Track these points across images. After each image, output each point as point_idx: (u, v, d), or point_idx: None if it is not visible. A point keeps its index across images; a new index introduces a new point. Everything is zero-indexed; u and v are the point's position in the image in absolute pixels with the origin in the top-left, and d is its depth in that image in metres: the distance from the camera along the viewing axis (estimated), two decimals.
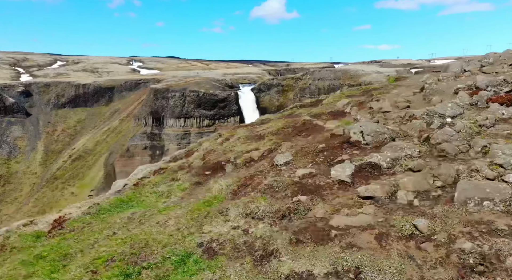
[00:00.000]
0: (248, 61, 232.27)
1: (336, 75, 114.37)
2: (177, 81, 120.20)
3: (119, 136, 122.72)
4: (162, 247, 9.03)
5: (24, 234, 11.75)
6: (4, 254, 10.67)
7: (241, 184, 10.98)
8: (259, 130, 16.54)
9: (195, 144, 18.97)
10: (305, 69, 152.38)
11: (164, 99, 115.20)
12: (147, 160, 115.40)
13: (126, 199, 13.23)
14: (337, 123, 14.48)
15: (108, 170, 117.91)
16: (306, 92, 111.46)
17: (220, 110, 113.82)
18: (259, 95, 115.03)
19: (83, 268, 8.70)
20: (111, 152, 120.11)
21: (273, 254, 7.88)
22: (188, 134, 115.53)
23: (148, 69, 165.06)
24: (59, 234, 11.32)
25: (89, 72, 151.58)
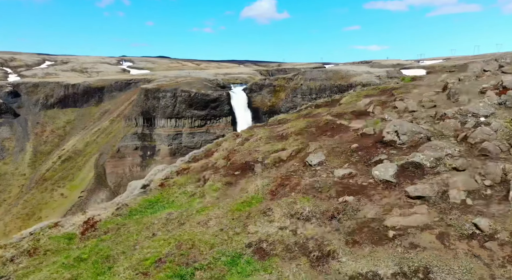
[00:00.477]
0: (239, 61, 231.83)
1: (327, 76, 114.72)
2: (168, 81, 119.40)
3: (110, 137, 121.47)
4: (210, 248, 8.92)
5: (54, 236, 11.51)
6: (38, 257, 10.42)
7: (278, 184, 10.89)
8: (280, 131, 16.44)
9: (212, 144, 18.78)
10: (296, 69, 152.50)
11: (155, 100, 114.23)
12: (138, 161, 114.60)
13: (154, 199, 13.05)
14: (363, 123, 14.44)
15: (99, 171, 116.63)
16: (298, 92, 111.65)
17: (212, 111, 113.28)
18: (251, 96, 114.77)
19: (131, 270, 8.53)
20: (101, 153, 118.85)
21: (330, 255, 7.82)
22: (180, 134, 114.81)
23: (138, 69, 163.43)
24: (94, 236, 11.10)
25: (78, 72, 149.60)
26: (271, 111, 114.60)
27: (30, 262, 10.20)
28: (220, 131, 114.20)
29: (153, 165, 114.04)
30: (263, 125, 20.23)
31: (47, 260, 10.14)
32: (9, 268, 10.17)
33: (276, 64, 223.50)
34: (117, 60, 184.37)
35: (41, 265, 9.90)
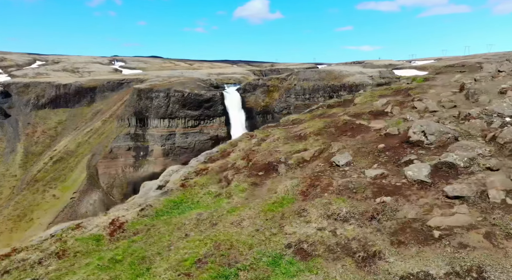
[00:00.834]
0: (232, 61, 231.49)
1: (320, 76, 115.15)
2: (161, 81, 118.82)
3: (102, 137, 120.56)
4: (249, 248, 8.91)
5: (81, 238, 11.37)
6: (68, 259, 10.29)
7: (309, 184, 10.89)
8: (298, 131, 16.44)
9: (226, 145, 18.70)
10: (289, 69, 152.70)
11: (148, 100, 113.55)
12: (131, 161, 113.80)
13: (178, 200, 12.98)
14: (384, 123, 14.51)
15: (91, 171, 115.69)
16: (291, 92, 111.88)
17: (206, 111, 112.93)
18: (244, 96, 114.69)
19: (172, 270, 8.46)
20: (93, 153, 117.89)
21: (376, 256, 7.84)
22: (173, 135, 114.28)
23: (131, 69, 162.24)
24: (123, 237, 11.00)
25: (70, 72, 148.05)
26: (264, 111, 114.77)
27: (61, 264, 10.07)
28: (214, 132, 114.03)
29: (146, 166, 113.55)
30: (276, 126, 20.20)
31: (79, 262, 10.02)
32: (38, 270, 10.02)
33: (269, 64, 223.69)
34: (109, 60, 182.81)
35: (73, 267, 9.77)
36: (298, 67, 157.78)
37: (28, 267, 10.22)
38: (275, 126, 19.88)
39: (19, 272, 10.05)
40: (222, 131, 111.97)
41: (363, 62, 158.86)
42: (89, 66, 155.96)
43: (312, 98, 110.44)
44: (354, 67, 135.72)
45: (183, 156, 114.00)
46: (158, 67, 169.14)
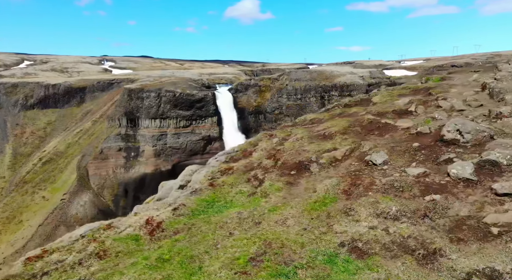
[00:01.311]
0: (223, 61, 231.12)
1: (312, 76, 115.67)
2: (152, 81, 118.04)
3: (92, 138, 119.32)
4: (301, 247, 8.91)
5: (119, 238, 11.20)
6: (111, 259, 10.12)
7: (350, 183, 10.92)
8: (321, 130, 16.47)
9: (245, 144, 18.61)
10: (280, 69, 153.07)
11: (139, 100, 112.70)
12: (121, 162, 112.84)
13: (210, 199, 12.92)
14: (410, 122, 14.63)
15: (81, 173, 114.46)
16: (283, 92, 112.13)
17: (198, 111, 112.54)
18: (236, 96, 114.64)
19: (226, 269, 8.40)
20: (83, 154, 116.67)
21: (437, 253, 7.89)
22: (165, 135, 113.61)
23: (121, 69, 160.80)
24: (164, 236, 10.89)
25: (59, 72, 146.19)
26: (257, 111, 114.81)
27: (103, 265, 9.90)
28: (206, 132, 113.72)
29: (137, 166, 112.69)
30: (293, 125, 20.19)
31: (123, 262, 9.87)
32: (80, 271, 9.83)
33: (261, 65, 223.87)
34: (98, 60, 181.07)
35: (117, 267, 9.61)
36: (289, 68, 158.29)
37: (68, 268, 10.02)
38: (292, 126, 19.87)
39: (60, 273, 9.86)
40: (214, 131, 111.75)
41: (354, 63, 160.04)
42: (78, 66, 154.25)
43: (304, 98, 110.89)
44: (345, 67, 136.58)
45: (174, 157, 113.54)
46: (149, 67, 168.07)
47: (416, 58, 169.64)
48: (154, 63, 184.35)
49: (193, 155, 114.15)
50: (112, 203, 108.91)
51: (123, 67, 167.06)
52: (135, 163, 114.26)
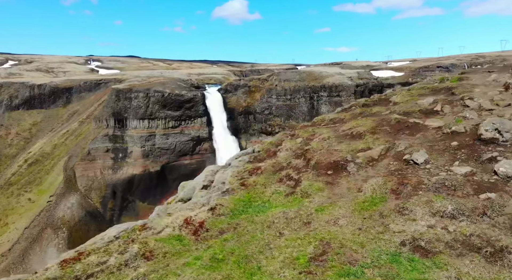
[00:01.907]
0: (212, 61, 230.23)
1: (301, 77, 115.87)
2: (140, 81, 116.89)
3: (79, 139, 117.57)
4: (361, 246, 8.91)
5: (161, 239, 10.94)
6: (158, 260, 9.85)
7: (398, 183, 10.96)
8: (346, 130, 16.42)
9: (267, 145, 18.39)
10: (269, 70, 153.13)
11: (127, 100, 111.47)
12: (109, 163, 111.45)
13: (246, 199, 12.84)
14: (440, 122, 14.86)
15: (68, 174, 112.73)
16: (273, 93, 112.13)
17: (187, 111, 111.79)
18: (226, 96, 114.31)
19: (289, 268, 8.39)
20: (70, 156, 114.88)
21: (505, 250, 7.96)
22: (153, 136, 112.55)
23: (108, 69, 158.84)
24: (210, 236, 10.75)
25: (44, 72, 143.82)
26: (246, 112, 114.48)
27: (153, 266, 9.61)
28: (195, 133, 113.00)
29: (125, 168, 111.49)
30: (312, 125, 20.12)
31: (173, 262, 9.62)
32: (128, 272, 9.52)
33: (250, 65, 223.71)
34: (84, 59, 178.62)
35: (169, 267, 9.33)
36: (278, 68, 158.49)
37: (115, 269, 9.73)
38: (311, 126, 19.76)
39: (107, 275, 9.57)
40: (204, 132, 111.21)
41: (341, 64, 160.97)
42: (64, 66, 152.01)
43: (293, 98, 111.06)
44: (333, 68, 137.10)
45: (163, 157, 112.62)
46: (136, 67, 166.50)
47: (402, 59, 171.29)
48: (141, 63, 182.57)
49: (182, 155, 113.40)
50: (100, 205, 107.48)
51: (110, 67, 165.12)
52: (123, 164, 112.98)
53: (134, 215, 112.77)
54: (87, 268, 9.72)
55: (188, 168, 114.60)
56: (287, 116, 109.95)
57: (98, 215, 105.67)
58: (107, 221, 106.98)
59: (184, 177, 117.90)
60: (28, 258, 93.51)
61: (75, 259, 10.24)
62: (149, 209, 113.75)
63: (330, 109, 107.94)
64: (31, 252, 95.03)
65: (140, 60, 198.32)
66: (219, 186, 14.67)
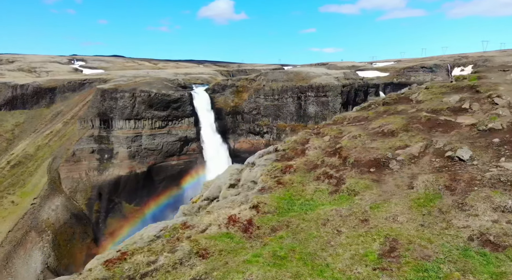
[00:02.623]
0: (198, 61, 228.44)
1: (288, 77, 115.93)
2: (126, 81, 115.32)
3: (63, 140, 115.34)
4: (429, 242, 8.87)
5: (210, 237, 10.79)
6: (214, 257, 9.74)
7: (450, 179, 10.98)
8: (376, 127, 16.38)
9: (291, 143, 18.05)
10: (256, 70, 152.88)
11: (113, 100, 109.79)
12: (95, 165, 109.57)
13: (286, 197, 12.69)
14: (471, 119, 15.06)
15: (53, 176, 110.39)
16: (260, 93, 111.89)
17: (174, 111, 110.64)
18: (213, 96, 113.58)
19: (361, 265, 8.28)
20: (55, 157, 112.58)
21: None
22: (140, 136, 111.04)
23: (92, 69, 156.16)
24: (263, 234, 10.58)
25: (26, 72, 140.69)
26: (234, 112, 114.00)
27: (210, 264, 9.43)
28: (182, 133, 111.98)
29: (111, 169, 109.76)
30: (334, 124, 19.93)
31: (231, 260, 9.43)
32: (185, 271, 9.30)
33: (236, 65, 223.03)
34: (68, 59, 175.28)
35: (229, 265, 9.17)
36: (264, 68, 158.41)
37: (170, 268, 9.51)
38: (333, 124, 19.62)
39: (163, 274, 9.32)
40: (191, 132, 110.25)
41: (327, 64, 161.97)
42: (47, 65, 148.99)
43: (281, 98, 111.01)
44: (320, 68, 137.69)
45: (150, 158, 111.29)
46: (121, 67, 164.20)
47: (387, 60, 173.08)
48: (126, 63, 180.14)
49: (169, 156, 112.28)
50: (86, 207, 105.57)
51: (94, 67, 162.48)
52: (109, 165, 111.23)
53: (121, 216, 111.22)
54: (138, 267, 9.48)
55: (175, 168, 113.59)
56: (275, 116, 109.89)
57: (83, 217, 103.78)
58: (93, 223, 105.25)
59: (171, 178, 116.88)
60: (12, 262, 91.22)
61: (120, 259, 9.90)
62: (136, 211, 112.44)
63: (317, 109, 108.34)
64: (15, 255, 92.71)
65: (125, 60, 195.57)
66: (249, 185, 14.47)
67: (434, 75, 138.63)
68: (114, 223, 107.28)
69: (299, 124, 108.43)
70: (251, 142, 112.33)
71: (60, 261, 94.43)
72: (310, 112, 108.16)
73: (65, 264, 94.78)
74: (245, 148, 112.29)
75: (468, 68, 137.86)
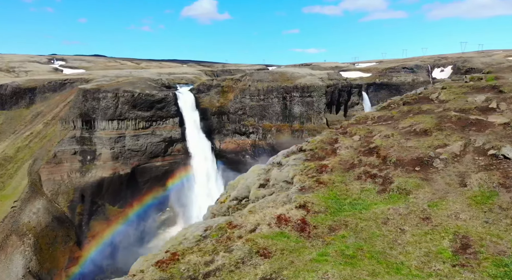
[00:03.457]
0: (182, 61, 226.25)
1: (274, 77, 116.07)
2: (109, 81, 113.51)
3: (44, 141, 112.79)
4: (500, 238, 8.91)
5: (266, 236, 10.59)
6: (277, 256, 9.54)
7: (502, 177, 11.07)
8: (406, 127, 16.47)
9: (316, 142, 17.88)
10: (241, 70, 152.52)
11: (95, 101, 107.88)
12: (77, 166, 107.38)
13: (331, 197, 12.59)
14: (505, 118, 15.22)
15: (33, 178, 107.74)
16: (246, 93, 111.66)
17: (158, 112, 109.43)
18: (198, 96, 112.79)
19: (438, 262, 8.26)
20: (35, 159, 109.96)
21: None
22: (123, 137, 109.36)
23: (73, 69, 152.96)
24: (322, 233, 10.42)
25: (5, 71, 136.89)
26: (220, 112, 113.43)
27: (275, 263, 9.23)
28: (167, 133, 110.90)
29: (94, 170, 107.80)
30: (357, 123, 19.80)
31: (296, 259, 9.24)
32: (250, 270, 9.13)
33: (221, 65, 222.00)
34: (48, 58, 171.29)
35: (295, 264, 8.98)
36: (249, 68, 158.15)
37: (232, 267, 9.31)
38: (357, 124, 19.54)
39: (228, 274, 9.16)
40: (176, 132, 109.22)
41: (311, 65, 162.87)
42: (26, 65, 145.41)
43: (266, 99, 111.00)
44: (304, 69, 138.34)
45: (134, 159, 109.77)
46: (103, 67, 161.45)
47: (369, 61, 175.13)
48: (108, 63, 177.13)
49: (153, 157, 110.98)
50: (68, 210, 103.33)
51: (75, 66, 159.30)
52: (91, 167, 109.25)
53: (104, 219, 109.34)
54: (196, 267, 9.30)
55: (160, 169, 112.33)
56: (260, 116, 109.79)
57: (66, 220, 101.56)
58: (75, 226, 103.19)
59: (156, 179, 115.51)
60: None
61: (172, 260, 9.59)
62: (120, 213, 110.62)
63: (302, 109, 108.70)
64: None
65: (107, 59, 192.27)
66: (282, 184, 14.34)
67: (415, 75, 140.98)
68: (98, 225, 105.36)
69: (285, 124, 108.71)
70: (237, 142, 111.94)
71: (42, 265, 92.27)
72: (295, 113, 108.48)
73: (47, 268, 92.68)
74: (231, 148, 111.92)
75: (448, 69, 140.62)
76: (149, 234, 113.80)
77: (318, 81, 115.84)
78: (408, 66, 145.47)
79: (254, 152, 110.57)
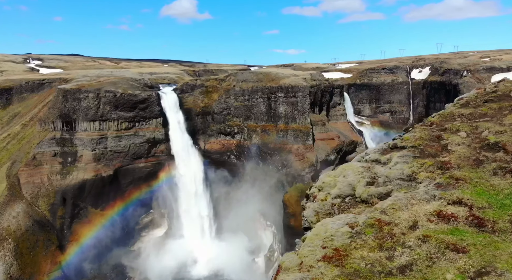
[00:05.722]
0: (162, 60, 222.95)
1: (258, 78, 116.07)
2: (90, 81, 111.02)
3: (23, 143, 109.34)
4: None
5: (440, 232, 10.23)
6: (472, 252, 9.21)
7: None
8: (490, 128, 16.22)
9: (417, 140, 17.47)
10: (223, 70, 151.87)
11: (76, 101, 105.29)
12: (57, 168, 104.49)
13: (480, 191, 12.30)
14: None
15: (12, 181, 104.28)
16: (231, 93, 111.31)
17: (141, 112, 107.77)
18: (182, 96, 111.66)
19: None
20: (13, 161, 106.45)
21: None
22: (105, 138, 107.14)
23: (50, 68, 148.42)
24: (506, 227, 10.06)
25: None
26: (204, 112, 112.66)
27: (474, 257, 9.02)
28: (150, 134, 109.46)
29: (75, 173, 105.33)
30: (446, 120, 19.47)
31: (496, 253, 9.05)
32: (447, 265, 8.82)
33: (202, 65, 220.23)
34: (23, 58, 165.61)
35: (498, 258, 8.77)
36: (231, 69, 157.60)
37: (427, 262, 9.14)
38: (448, 120, 19.15)
39: (428, 269, 8.95)
40: (160, 133, 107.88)
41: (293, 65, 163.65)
42: (1, 65, 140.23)
43: (251, 99, 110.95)
44: (287, 69, 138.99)
45: (116, 161, 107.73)
46: (81, 66, 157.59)
47: (349, 61, 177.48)
48: (86, 62, 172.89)
49: (136, 158, 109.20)
50: (49, 213, 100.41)
51: (52, 66, 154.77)
52: (72, 169, 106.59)
53: (86, 222, 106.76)
54: (379, 262, 9.23)
55: (143, 171, 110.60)
56: (245, 116, 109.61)
57: (47, 223, 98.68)
58: (57, 229, 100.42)
59: (139, 180, 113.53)
60: None
61: (339, 256, 9.41)
62: (102, 215, 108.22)
63: (287, 109, 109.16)
64: None
65: (85, 58, 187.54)
66: (397, 182, 14.35)
67: (394, 76, 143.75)
68: (80, 228, 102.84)
69: (270, 124, 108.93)
70: (222, 143, 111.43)
71: (24, 270, 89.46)
72: (280, 113, 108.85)
73: (29, 273, 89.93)
74: (216, 149, 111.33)
75: (426, 69, 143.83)
76: (133, 236, 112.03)
77: (302, 82, 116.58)
78: (388, 67, 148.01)
79: (239, 152, 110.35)
